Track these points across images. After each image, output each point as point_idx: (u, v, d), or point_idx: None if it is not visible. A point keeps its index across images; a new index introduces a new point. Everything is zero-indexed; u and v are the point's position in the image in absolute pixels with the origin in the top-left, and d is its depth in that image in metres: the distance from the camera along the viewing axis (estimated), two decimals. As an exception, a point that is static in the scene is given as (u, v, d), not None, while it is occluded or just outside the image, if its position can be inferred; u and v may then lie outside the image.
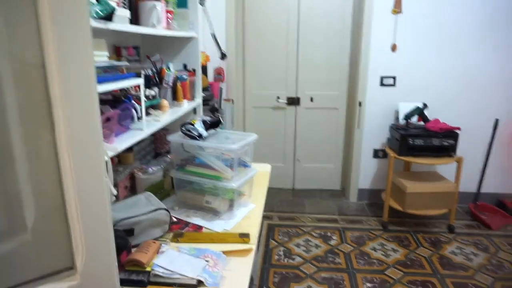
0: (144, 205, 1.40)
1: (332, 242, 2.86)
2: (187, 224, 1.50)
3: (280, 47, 3.48)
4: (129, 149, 1.73)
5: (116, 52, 1.65)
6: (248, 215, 1.59)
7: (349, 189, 3.57)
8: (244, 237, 1.38)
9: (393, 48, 3.16)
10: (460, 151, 3.26)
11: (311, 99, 3.58)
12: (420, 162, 2.86)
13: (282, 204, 3.53)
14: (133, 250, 1.25)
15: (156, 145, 2.10)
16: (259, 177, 1.93)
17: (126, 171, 1.72)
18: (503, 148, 3.31)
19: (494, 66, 3.15)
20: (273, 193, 3.72)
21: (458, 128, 2.89)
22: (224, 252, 1.28)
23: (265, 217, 3.23)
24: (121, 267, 1.16)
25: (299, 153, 3.75)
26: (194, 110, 2.09)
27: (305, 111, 3.63)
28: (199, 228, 1.47)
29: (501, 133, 3.25)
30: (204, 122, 1.55)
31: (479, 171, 3.37)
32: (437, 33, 3.12)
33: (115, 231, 0.98)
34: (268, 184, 1.97)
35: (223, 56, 2.75)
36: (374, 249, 2.77)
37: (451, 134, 2.86)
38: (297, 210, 3.40)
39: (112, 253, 1.01)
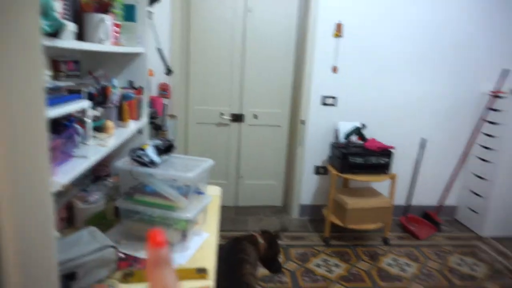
0: (88, 242, 1.25)
1: (278, 261, 2.86)
2: (136, 259, 1.37)
3: (224, 63, 3.44)
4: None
5: (54, 67, 1.47)
6: (202, 246, 1.51)
7: (292, 206, 3.62)
8: (201, 272, 1.30)
9: (334, 69, 3.30)
10: (394, 167, 3.48)
11: (255, 116, 3.59)
12: (360, 179, 3.00)
13: (225, 222, 3.45)
14: (77, 297, 1.10)
15: (95, 167, 1.91)
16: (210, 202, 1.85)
17: (63, 199, 1.53)
18: (428, 165, 3.61)
19: (421, 91, 3.44)
20: (215, 211, 3.63)
21: (392, 147, 3.09)
22: (182, 292, 1.19)
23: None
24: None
25: (242, 170, 3.72)
26: (139, 130, 1.95)
27: (249, 128, 3.62)
28: (150, 264, 1.35)
29: (427, 151, 3.55)
30: (156, 147, 1.43)
31: (408, 186, 3.64)
32: (373, 57, 3.33)
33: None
34: (219, 209, 1.90)
35: (169, 71, 2.63)
36: (318, 266, 2.82)
37: (387, 152, 3.05)
38: (240, 228, 3.34)
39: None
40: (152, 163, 1.38)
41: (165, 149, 1.47)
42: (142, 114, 1.93)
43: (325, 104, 3.38)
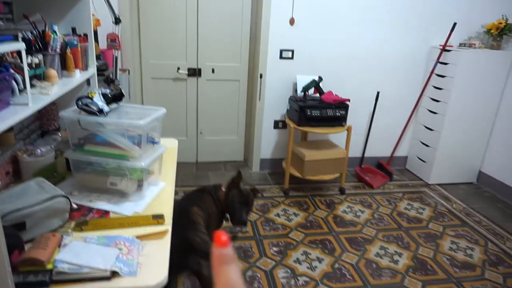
0: (36, 193, 1.21)
1: (239, 212, 2.93)
2: (90, 210, 1.34)
3: (178, 15, 3.28)
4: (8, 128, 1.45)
5: (-19, 8, 1.33)
6: (159, 195, 1.51)
7: (252, 160, 3.67)
8: (158, 218, 1.30)
9: (291, 22, 3.26)
10: (349, 120, 3.58)
11: (213, 71, 3.51)
12: (317, 132, 3.07)
13: (187, 178, 3.46)
14: (28, 247, 1.08)
15: (42, 121, 1.81)
16: (167, 153, 1.82)
17: (6, 154, 1.45)
18: (382, 117, 3.76)
19: (375, 44, 3.50)
20: (176, 167, 3.61)
21: (348, 100, 3.17)
22: (138, 237, 1.19)
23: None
24: (15, 269, 0.98)
25: (201, 126, 3.69)
26: (88, 82, 1.85)
27: (207, 83, 3.55)
28: (105, 213, 1.33)
29: (381, 104, 3.68)
30: (104, 95, 1.37)
31: (363, 138, 3.79)
32: (329, 10, 3.30)
33: (2, 227, 0.81)
34: (176, 160, 1.89)
35: (117, 20, 2.47)
36: (278, 215, 2.93)
37: (343, 105, 3.12)
38: (201, 183, 3.37)
39: (2, 255, 0.85)
40: (100, 112, 1.32)
41: (114, 97, 1.41)
42: (89, 64, 1.82)
43: (283, 57, 3.36)
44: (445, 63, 3.42)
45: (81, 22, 1.74)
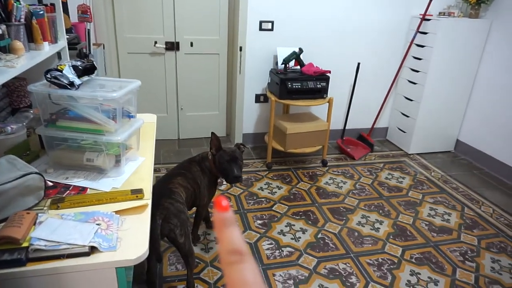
0: (7, 170, 1.16)
1: (222, 187, 2.93)
2: (67, 187, 1.31)
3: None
4: (-26, 105, 1.38)
5: None
6: (137, 170, 1.47)
7: (234, 135, 3.65)
8: (137, 193, 1.28)
9: (271, -9, 3.17)
10: (330, 92, 3.57)
11: (191, 44, 3.41)
12: (298, 104, 3.06)
13: (169, 155, 3.42)
14: (1, 226, 1.04)
15: (12, 98, 1.73)
16: (145, 128, 1.78)
17: (-27, 132, 1.39)
18: (363, 89, 3.76)
19: (355, 14, 3.45)
20: (158, 145, 3.54)
21: (329, 72, 3.15)
22: (117, 212, 1.17)
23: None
24: (-13, 247, 0.95)
25: (182, 102, 3.62)
26: (59, 55, 1.77)
27: (186, 57, 3.45)
28: (82, 190, 1.30)
29: (361, 76, 3.67)
30: (74, 67, 1.31)
31: (344, 110, 3.80)
32: (310, -22, 3.23)
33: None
34: (155, 135, 1.85)
35: (86, -10, 2.34)
36: (261, 189, 2.94)
37: (324, 77, 3.10)
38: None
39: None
40: (71, 85, 1.26)
41: (85, 70, 1.35)
42: (58, 36, 1.73)
43: (262, 29, 3.28)
44: (425, 33, 3.42)
45: (47, -9, 1.64)
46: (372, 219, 2.64)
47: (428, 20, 3.38)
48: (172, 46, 3.38)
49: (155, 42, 3.32)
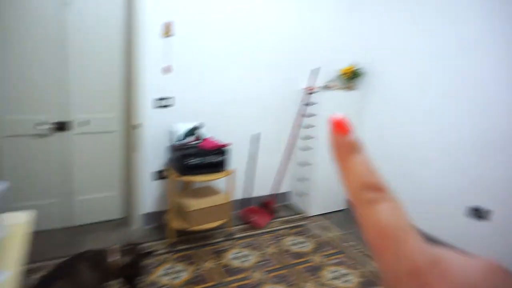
0: None
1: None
2: None
3: (40, 63, 2.96)
4: None
5: None
6: (-3, 290, 1.24)
7: (133, 216, 3.41)
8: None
9: (168, 69, 3.23)
10: (232, 163, 3.62)
11: (84, 123, 3.22)
12: (198, 180, 3.03)
13: (55, 249, 3.01)
14: None
15: None
16: (15, 231, 1.54)
17: None
18: (263, 158, 3.92)
19: (252, 88, 3.70)
20: (44, 238, 3.12)
21: (227, 145, 3.23)
22: None
23: (34, 271, 2.66)
24: None
25: (73, 185, 3.31)
26: None
27: (78, 137, 3.23)
28: None
29: (261, 145, 3.85)
30: None
31: (247, 179, 3.88)
32: (207, 57, 3.40)
33: None
34: (27, 240, 1.61)
35: None
36: (163, 275, 2.73)
37: (223, 150, 3.16)
38: (76, 251, 2.96)
39: None
40: None
41: None
42: None
43: (160, 106, 3.28)
44: (312, 103, 3.79)
45: None
46: (280, 292, 2.61)
47: (313, 93, 3.77)
48: (62, 126, 3.14)
49: (41, 123, 3.06)
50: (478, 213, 2.91)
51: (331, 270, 2.91)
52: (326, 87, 3.91)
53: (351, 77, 3.89)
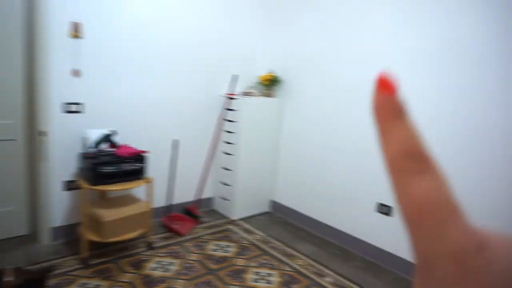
0: None
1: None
2: None
3: None
4: None
5: None
6: None
7: (41, 231, 3.11)
8: None
9: (77, 73, 3.02)
10: (151, 170, 3.49)
11: (-26, 131, 2.86)
12: (114, 189, 2.87)
13: None
14: None
15: None
16: None
17: None
18: (184, 164, 3.86)
19: (172, 93, 3.62)
20: None
21: (145, 151, 3.12)
22: None
23: None
24: None
25: (-37, 201, 2.91)
26: None
27: (-34, 146, 2.85)
28: None
29: (181, 151, 3.78)
30: None
31: (168, 186, 3.78)
32: (121, 60, 3.24)
33: None
34: None
35: None
36: (76, 292, 2.53)
37: (140, 157, 3.04)
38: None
39: None
40: None
41: None
42: None
43: (70, 111, 3.05)
44: (232, 109, 3.83)
45: None
46: (202, 298, 2.58)
47: (233, 99, 3.82)
48: None
49: None
50: (384, 209, 3.20)
51: (254, 272, 2.96)
52: (246, 94, 3.99)
53: (270, 84, 4.02)
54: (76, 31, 2.96)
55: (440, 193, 0.21)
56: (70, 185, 3.18)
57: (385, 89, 0.22)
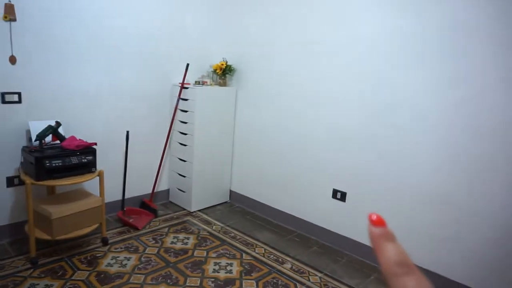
0: None
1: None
2: None
3: None
4: None
5: None
6: None
7: (-20, 232, 2.88)
8: None
9: (12, 60, 2.79)
10: (102, 164, 3.32)
11: None
12: (62, 184, 2.71)
13: None
14: None
15: None
16: None
17: None
18: (138, 156, 3.73)
19: (121, 82, 3.46)
20: None
21: (95, 144, 2.97)
22: None
23: None
24: None
25: None
26: None
27: None
28: None
29: (135, 143, 3.64)
30: None
31: (121, 179, 3.63)
32: (66, 46, 3.04)
33: None
34: None
35: None
36: (23, 295, 2.38)
37: (89, 150, 2.89)
38: None
39: None
40: None
41: None
42: None
43: (6, 102, 2.82)
44: (186, 99, 3.74)
45: None
46: (161, 292, 2.53)
47: (187, 88, 3.73)
48: None
49: None
50: (340, 195, 3.30)
51: (213, 263, 2.95)
52: (199, 83, 3.92)
53: (223, 73, 3.97)
54: (8, 13, 2.72)
55: (421, 286, 0.30)
56: (14, 181, 2.96)
57: (378, 223, 0.33)
